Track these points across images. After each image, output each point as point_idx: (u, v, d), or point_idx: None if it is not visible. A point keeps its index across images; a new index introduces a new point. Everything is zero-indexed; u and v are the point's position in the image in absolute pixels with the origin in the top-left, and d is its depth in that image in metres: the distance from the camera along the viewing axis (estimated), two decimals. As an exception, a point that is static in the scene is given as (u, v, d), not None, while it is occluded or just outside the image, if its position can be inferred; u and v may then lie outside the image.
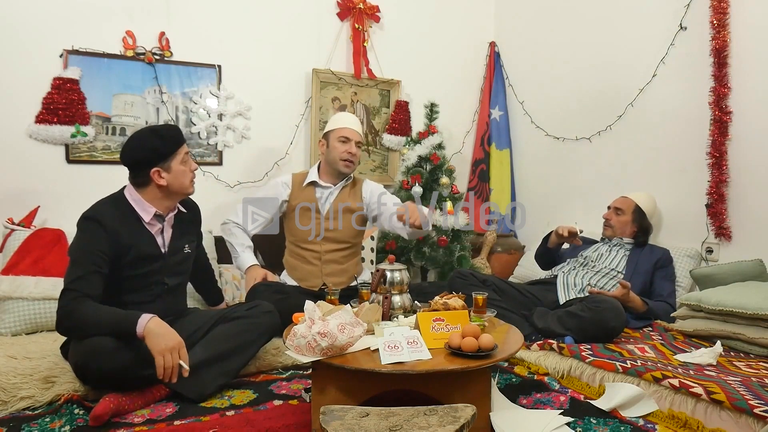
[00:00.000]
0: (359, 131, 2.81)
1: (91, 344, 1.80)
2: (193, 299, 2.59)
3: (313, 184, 2.80)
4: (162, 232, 2.10)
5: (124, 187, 2.09)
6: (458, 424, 1.34)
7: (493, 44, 4.17)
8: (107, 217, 1.96)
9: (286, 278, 2.82)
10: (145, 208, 2.04)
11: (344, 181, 2.83)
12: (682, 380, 1.83)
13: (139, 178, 2.04)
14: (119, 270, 1.98)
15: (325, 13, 3.61)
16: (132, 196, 2.05)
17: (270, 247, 3.04)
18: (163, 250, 2.09)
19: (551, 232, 3.01)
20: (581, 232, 2.92)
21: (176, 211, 2.16)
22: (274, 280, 2.71)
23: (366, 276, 2.89)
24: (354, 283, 2.78)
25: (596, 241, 3.07)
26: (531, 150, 4.01)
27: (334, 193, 2.81)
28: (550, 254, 3.09)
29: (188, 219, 2.23)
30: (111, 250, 1.93)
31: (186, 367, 1.81)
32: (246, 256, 2.73)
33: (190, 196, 2.24)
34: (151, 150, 2.01)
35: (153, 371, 1.83)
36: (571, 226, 2.90)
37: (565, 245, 3.12)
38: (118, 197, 2.06)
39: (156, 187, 2.04)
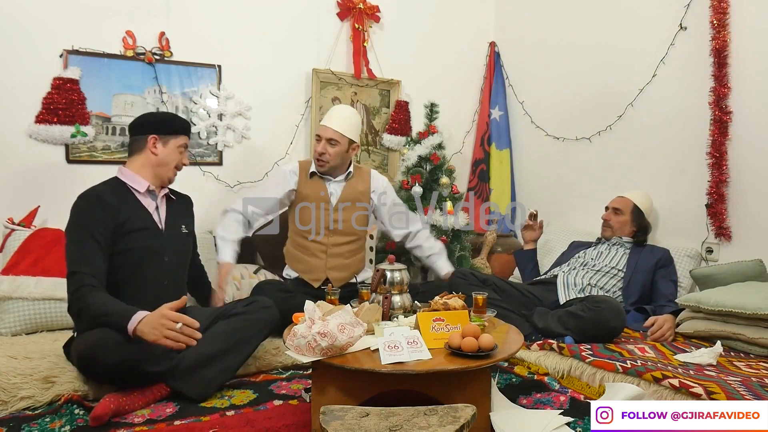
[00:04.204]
0: (336, 126, 2.66)
1: (96, 337, 1.79)
2: (191, 300, 2.59)
3: (316, 174, 2.76)
4: (157, 209, 2.15)
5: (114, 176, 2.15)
6: (458, 424, 1.34)
7: (493, 44, 4.17)
8: (104, 193, 2.02)
9: (289, 271, 2.81)
10: (138, 181, 2.11)
11: (345, 174, 2.79)
12: (682, 380, 1.83)
13: (136, 143, 2.14)
14: (118, 244, 1.99)
15: (325, 13, 3.61)
16: (124, 173, 2.12)
17: (270, 247, 3.04)
18: (160, 226, 2.13)
19: (521, 250, 3.32)
20: (535, 212, 3.22)
21: (166, 191, 2.21)
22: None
23: (367, 275, 2.89)
24: (353, 280, 2.78)
25: (592, 243, 3.08)
26: (531, 150, 4.01)
27: (342, 184, 2.79)
28: (533, 259, 3.22)
29: (181, 205, 2.29)
30: (110, 224, 1.97)
31: (179, 325, 1.76)
32: (222, 250, 2.65)
33: (185, 193, 2.35)
34: (160, 119, 2.19)
35: (156, 368, 1.84)
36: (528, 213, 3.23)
37: (563, 247, 3.15)
38: (110, 180, 2.13)
39: (148, 155, 2.12)
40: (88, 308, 1.84)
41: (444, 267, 3.00)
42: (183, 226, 2.24)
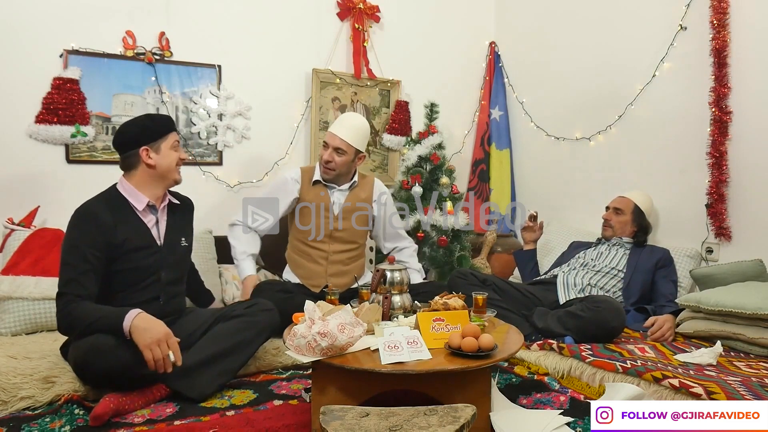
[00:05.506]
0: (343, 136, 2.65)
1: (91, 343, 1.79)
2: (192, 303, 2.59)
3: (320, 183, 2.76)
4: (157, 224, 2.11)
5: (115, 184, 2.10)
6: (458, 424, 1.34)
7: (493, 44, 4.17)
8: (101, 210, 1.97)
9: (289, 275, 2.81)
10: (137, 198, 2.06)
11: (350, 183, 2.79)
12: (682, 380, 1.83)
13: (129, 160, 2.07)
14: (115, 264, 1.97)
15: (325, 13, 3.61)
16: (124, 187, 2.07)
17: (271, 247, 3.04)
18: (159, 242, 2.09)
19: (520, 250, 3.30)
20: (535, 214, 3.22)
21: (167, 201, 2.17)
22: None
23: (367, 280, 2.89)
24: (354, 285, 2.78)
25: (592, 243, 3.07)
26: (531, 150, 4.01)
27: (345, 193, 2.79)
28: (533, 259, 3.21)
29: (182, 212, 2.24)
30: (104, 245, 1.94)
31: (172, 358, 1.80)
32: (245, 266, 2.70)
33: (187, 196, 2.29)
34: (142, 128, 2.07)
35: (152, 370, 1.84)
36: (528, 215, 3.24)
37: (563, 247, 3.15)
38: (110, 191, 2.08)
39: (145, 168, 2.06)
40: (78, 319, 1.83)
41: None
42: (183, 239, 2.20)
